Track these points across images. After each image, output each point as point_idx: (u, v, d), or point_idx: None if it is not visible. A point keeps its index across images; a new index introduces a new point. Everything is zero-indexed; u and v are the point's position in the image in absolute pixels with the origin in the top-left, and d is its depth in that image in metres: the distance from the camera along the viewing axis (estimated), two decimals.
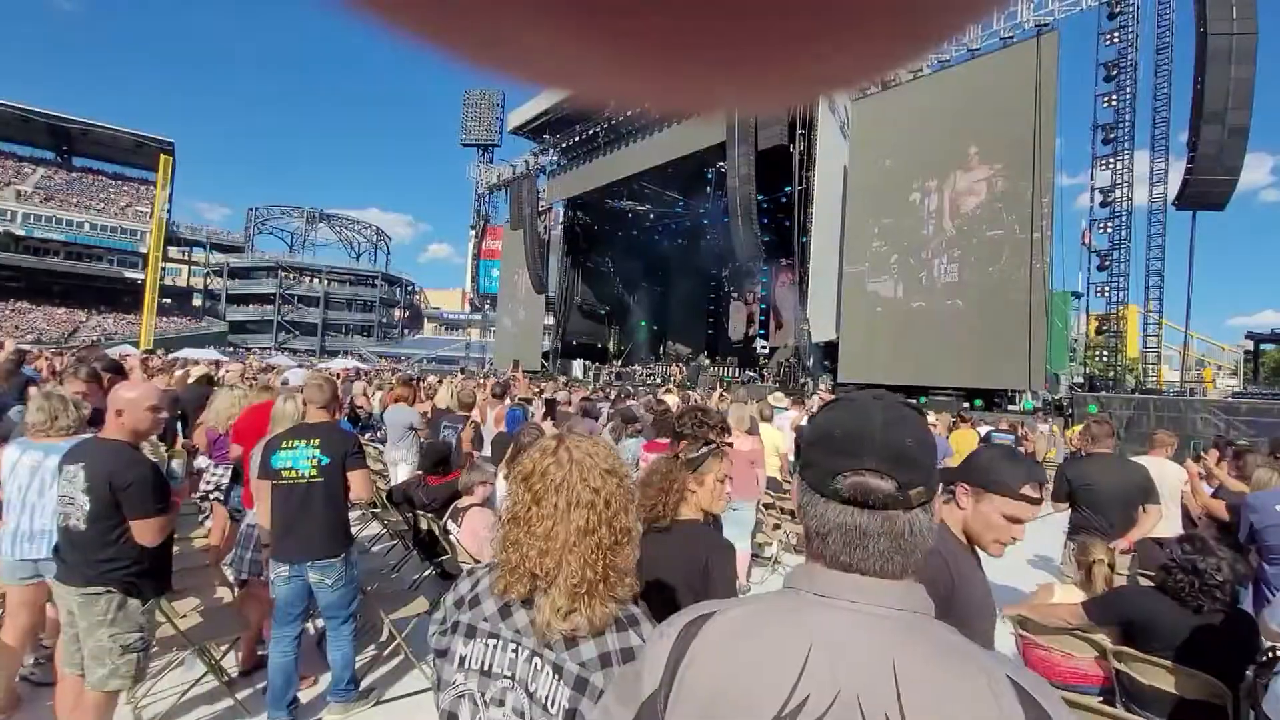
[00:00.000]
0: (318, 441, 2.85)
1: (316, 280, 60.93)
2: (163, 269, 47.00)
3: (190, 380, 6.89)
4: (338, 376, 14.18)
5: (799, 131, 18.08)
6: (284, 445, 2.85)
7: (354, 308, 62.74)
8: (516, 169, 32.31)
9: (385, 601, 3.63)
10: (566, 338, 29.79)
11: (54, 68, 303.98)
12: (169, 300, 53.86)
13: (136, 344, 34.98)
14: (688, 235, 31.60)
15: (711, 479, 2.14)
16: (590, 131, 24.83)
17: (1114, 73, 14.79)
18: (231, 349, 44.52)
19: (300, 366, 16.77)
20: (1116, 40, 14.70)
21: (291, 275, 59.63)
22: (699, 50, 0.16)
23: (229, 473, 4.25)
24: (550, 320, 31.32)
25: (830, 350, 18.88)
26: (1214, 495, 4.60)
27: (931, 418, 8.78)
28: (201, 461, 4.68)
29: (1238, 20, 12.62)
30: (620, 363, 29.43)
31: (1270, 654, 2.67)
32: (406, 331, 67.84)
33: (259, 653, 3.36)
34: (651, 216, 30.91)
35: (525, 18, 0.15)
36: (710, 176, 25.30)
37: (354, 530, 5.31)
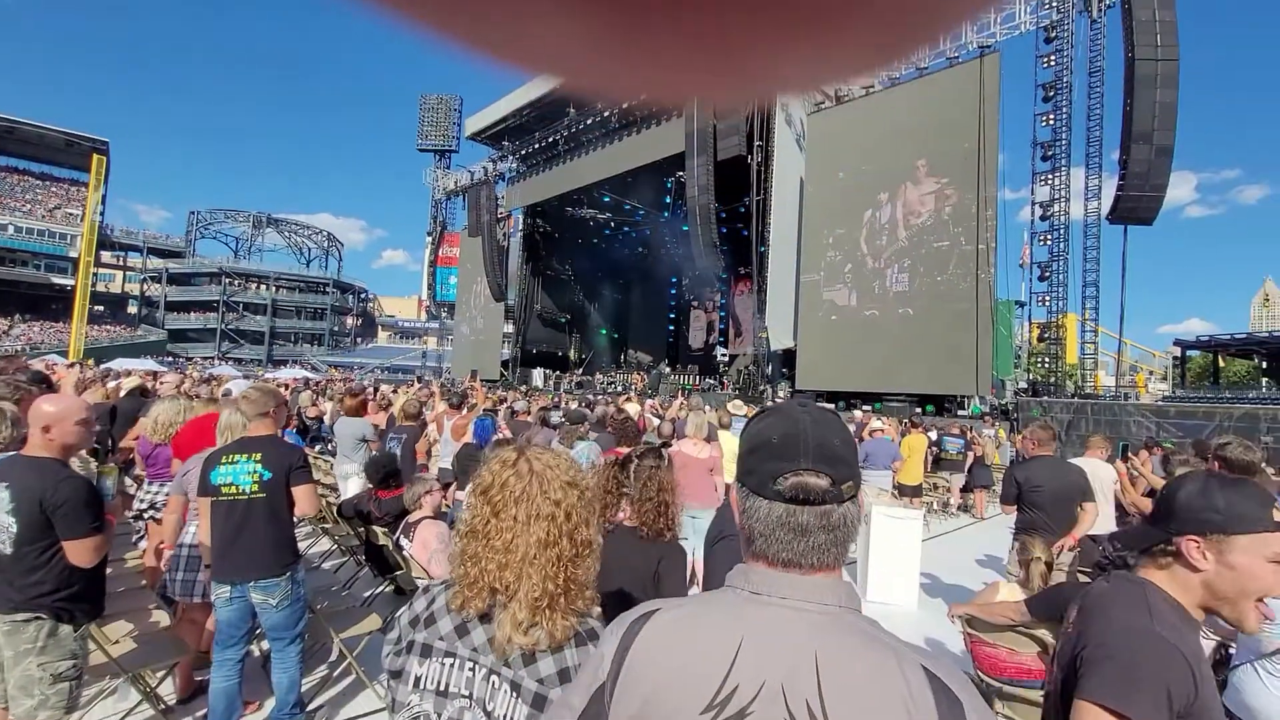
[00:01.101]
0: (260, 456, 2.72)
1: (263, 287, 58.67)
2: (95, 275, 44.52)
3: (123, 393, 6.51)
4: (285, 387, 13.66)
5: (757, 143, 18.42)
6: (224, 460, 2.71)
7: (304, 315, 60.65)
8: (475, 175, 31.93)
9: (336, 620, 3.48)
10: (526, 346, 29.49)
11: None
12: (101, 308, 51.04)
13: (65, 354, 32.99)
14: (648, 244, 31.77)
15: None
16: (550, 139, 24.74)
17: (1051, 93, 15.58)
18: (171, 359, 42.48)
19: (245, 377, 16.10)
20: (1053, 63, 15.51)
21: (236, 281, 57.29)
22: (692, 39, 0.17)
23: (164, 490, 4.02)
24: (509, 328, 30.97)
25: (788, 358, 19.21)
26: (1147, 494, 4.84)
27: (879, 422, 9.00)
28: (134, 488, 4.41)
29: (1162, 47, 13.50)
30: (581, 371, 29.28)
31: (1224, 650, 2.81)
32: (360, 340, 66.03)
33: (197, 678, 3.18)
34: (612, 225, 30.98)
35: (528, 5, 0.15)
36: (670, 186, 25.56)
37: (302, 546, 5.10)
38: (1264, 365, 34.78)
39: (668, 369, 26.62)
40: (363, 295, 69.37)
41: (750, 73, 0.19)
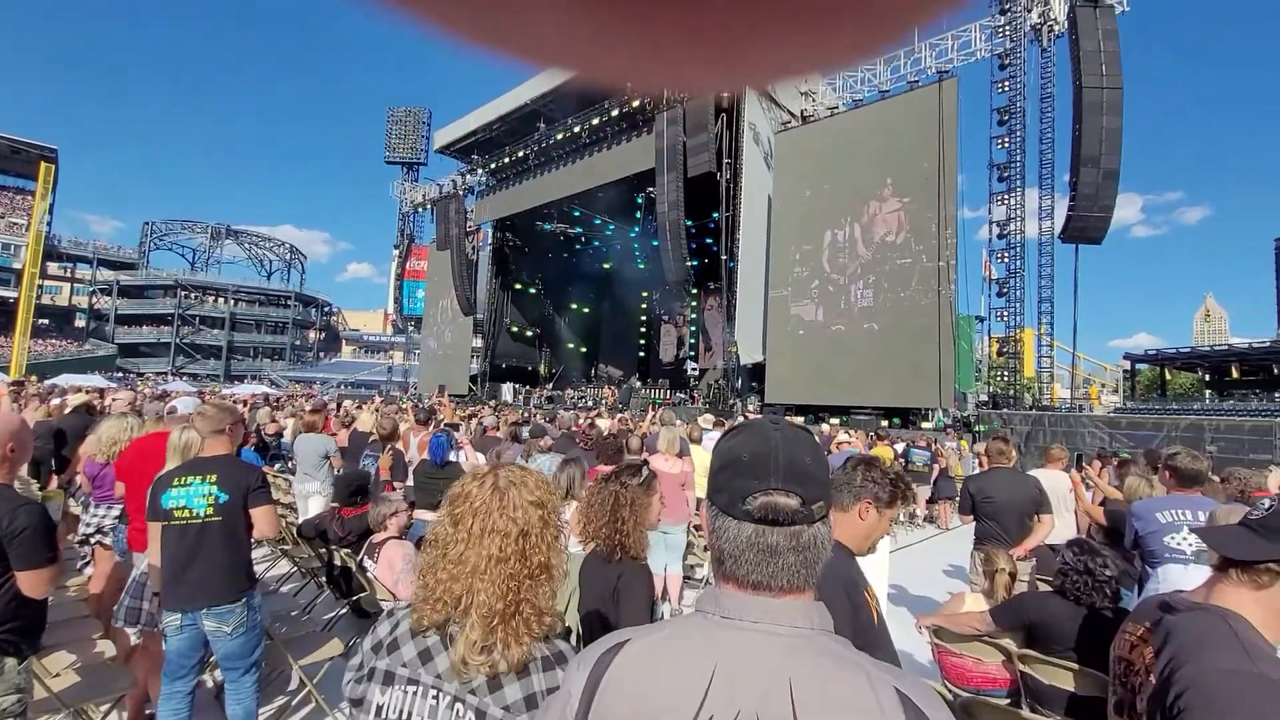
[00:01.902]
0: (215, 477, 2.60)
1: (222, 300, 56.93)
2: (40, 287, 42.64)
3: (67, 410, 6.20)
4: (244, 403, 13.22)
5: (725, 160, 18.71)
6: (176, 482, 2.58)
7: (264, 329, 58.96)
8: (443, 188, 31.66)
9: (295, 646, 3.35)
10: (495, 360, 29.17)
11: None
12: (47, 321, 48.85)
13: (6, 370, 31.41)
14: (618, 258, 31.87)
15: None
16: (520, 153, 24.72)
17: (1006, 118, 16.25)
18: (121, 374, 40.81)
19: (198, 393, 15.54)
20: (1007, 89, 16.19)
21: (193, 294, 55.46)
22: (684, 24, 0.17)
23: (112, 513, 3.83)
24: (479, 343, 30.62)
25: (758, 371, 19.40)
26: (1102, 504, 4.98)
27: (849, 435, 9.13)
28: (81, 510, 4.18)
29: (1106, 76, 14.21)
30: (551, 386, 29.08)
31: None
32: (323, 354, 64.44)
33: (147, 711, 3.01)
34: (582, 239, 31.01)
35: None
36: (640, 201, 25.72)
37: (259, 570, 4.90)
38: (1206, 378, 36.46)
39: (638, 383, 26.61)
40: (326, 309, 67.87)
41: (746, 58, 0.19)
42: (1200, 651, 1.07)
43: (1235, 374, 33.17)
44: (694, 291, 27.28)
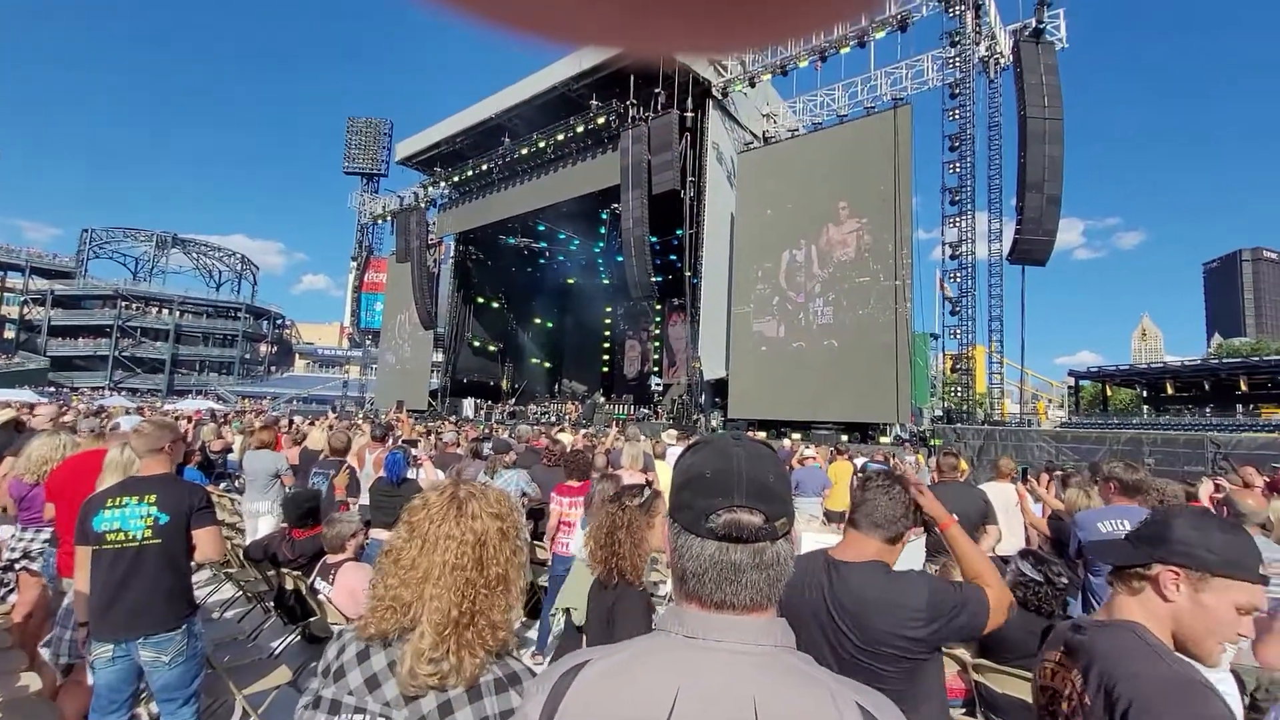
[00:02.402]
0: (154, 497, 2.45)
1: (166, 311, 54.57)
2: None
3: None
4: (189, 419, 12.63)
5: (689, 179, 18.96)
6: (110, 503, 2.42)
7: (211, 342, 56.72)
8: (404, 200, 31.13)
9: (239, 674, 3.17)
10: (456, 375, 28.66)
11: None
12: None
13: None
14: (583, 273, 31.85)
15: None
16: (484, 166, 24.53)
17: (957, 144, 16.95)
18: (53, 389, 38.57)
19: (137, 409, 14.81)
20: (958, 116, 16.91)
21: (134, 305, 53.03)
22: None
23: (41, 536, 3.57)
24: (439, 357, 30.04)
25: (721, 387, 19.55)
26: (1051, 516, 5.15)
27: (811, 450, 9.25)
28: (3, 531, 3.88)
29: (1048, 107, 15.00)
30: (514, 401, 28.70)
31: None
32: (274, 369, 62.26)
33: None
34: (546, 254, 30.90)
35: None
36: (605, 216, 25.84)
37: (201, 595, 4.65)
38: (1144, 394, 38.41)
39: (602, 399, 26.51)
40: (279, 321, 65.76)
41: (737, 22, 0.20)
42: (1124, 664, 1.12)
43: (1170, 390, 35.05)
44: (658, 307, 27.45)
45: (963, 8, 16.37)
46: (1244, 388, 31.51)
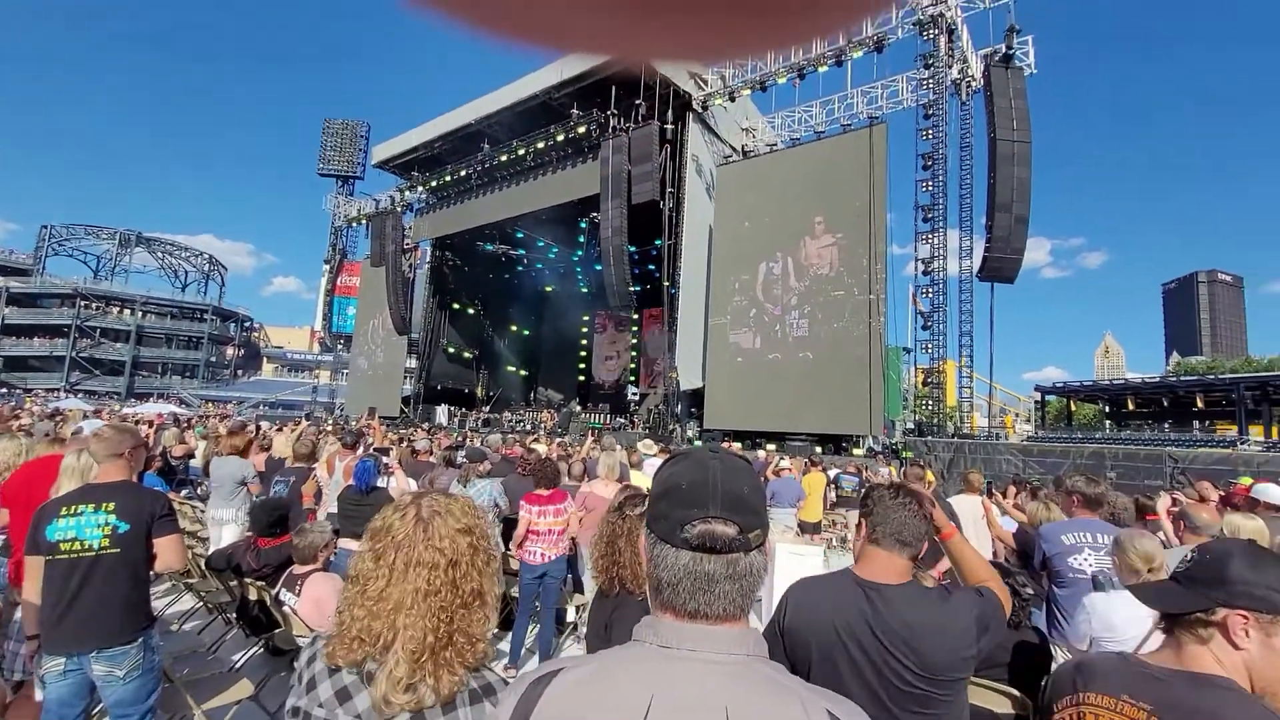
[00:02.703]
0: (113, 505, 2.35)
1: (128, 311, 52.90)
2: None
3: None
4: (149, 424, 12.23)
5: (669, 190, 19.08)
6: (65, 511, 2.32)
7: (176, 344, 55.11)
8: (380, 203, 30.76)
9: (198, 688, 3.05)
10: (430, 382, 28.27)
11: None
12: None
13: None
14: (560, 281, 31.76)
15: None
16: (463, 172, 24.36)
17: (929, 163, 17.36)
18: (4, 390, 37.07)
19: (95, 411, 14.31)
20: (931, 136, 17.34)
21: (94, 304, 51.30)
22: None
23: None
24: (413, 363, 29.63)
25: (697, 397, 19.61)
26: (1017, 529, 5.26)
27: (787, 462, 9.32)
28: None
29: (1017, 130, 15.47)
30: (489, 409, 28.40)
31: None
32: (241, 372, 60.74)
33: None
34: (524, 261, 30.75)
35: None
36: (584, 225, 25.82)
37: (158, 606, 4.48)
38: (1106, 409, 39.55)
39: (578, 407, 26.38)
40: (247, 324, 64.26)
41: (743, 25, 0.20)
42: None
43: (1131, 406, 36.18)
44: (635, 317, 27.48)
45: (936, 32, 16.83)
46: (1200, 405, 32.68)
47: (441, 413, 26.60)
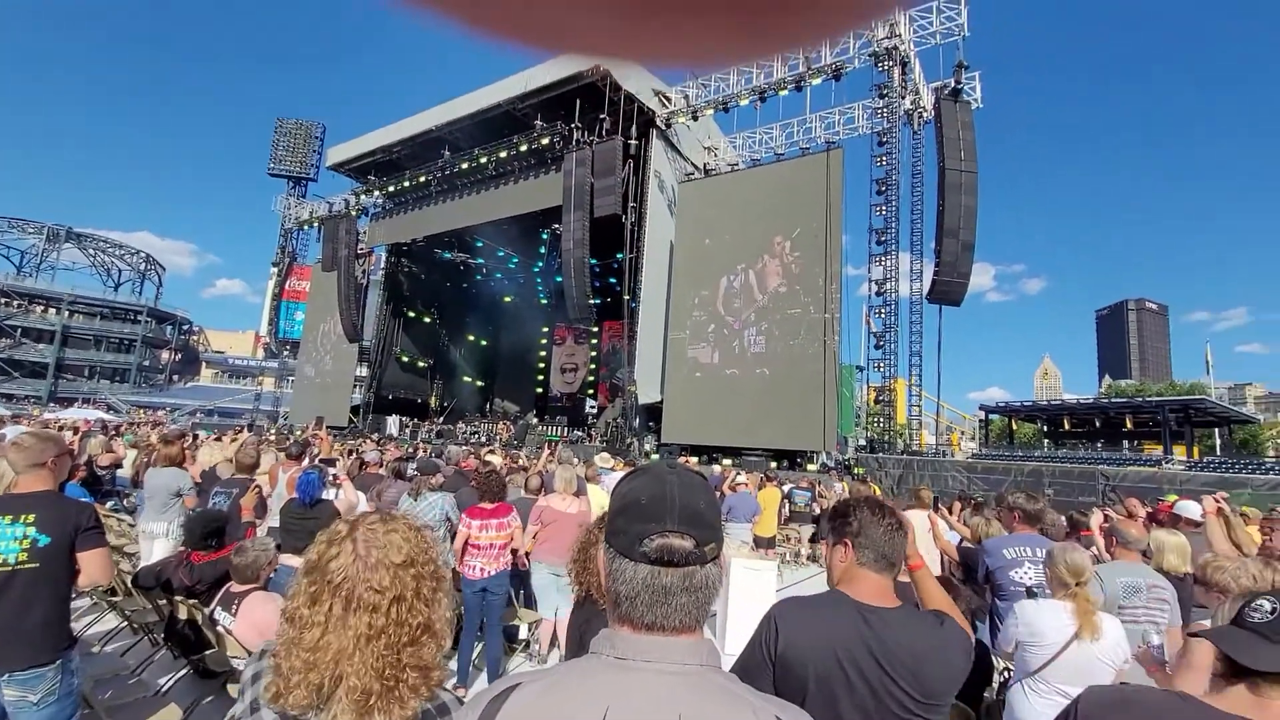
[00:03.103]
0: (32, 517, 2.19)
1: (53, 311, 49.76)
2: None
3: None
4: (74, 430, 11.49)
5: (631, 204, 19.22)
6: None
7: (105, 346, 52.06)
8: (334, 206, 29.91)
9: (121, 714, 2.86)
10: (382, 391, 27.50)
11: None
12: None
13: None
14: (520, 292, 31.47)
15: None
16: (422, 178, 23.96)
17: (883, 188, 18.03)
18: None
19: (13, 417, 13.40)
20: (884, 163, 18.04)
21: (16, 302, 48.10)
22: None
23: None
24: (363, 371, 28.78)
25: (655, 411, 19.65)
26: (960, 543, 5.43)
27: (743, 477, 9.41)
28: None
29: (964, 161, 16.23)
30: (442, 419, 27.78)
31: (1005, 673, 3.17)
32: (176, 378, 57.81)
33: None
34: (484, 270, 30.38)
35: None
36: (545, 236, 25.72)
37: (78, 626, 4.17)
38: (1044, 429, 41.43)
39: (535, 419, 26.07)
40: (185, 327, 61.31)
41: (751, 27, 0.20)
42: None
43: (1067, 426, 38.02)
44: (595, 329, 27.43)
45: (891, 64, 17.56)
46: (1129, 425, 34.61)
47: (393, 423, 25.88)
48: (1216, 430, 38.07)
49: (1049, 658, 2.35)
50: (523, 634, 5.19)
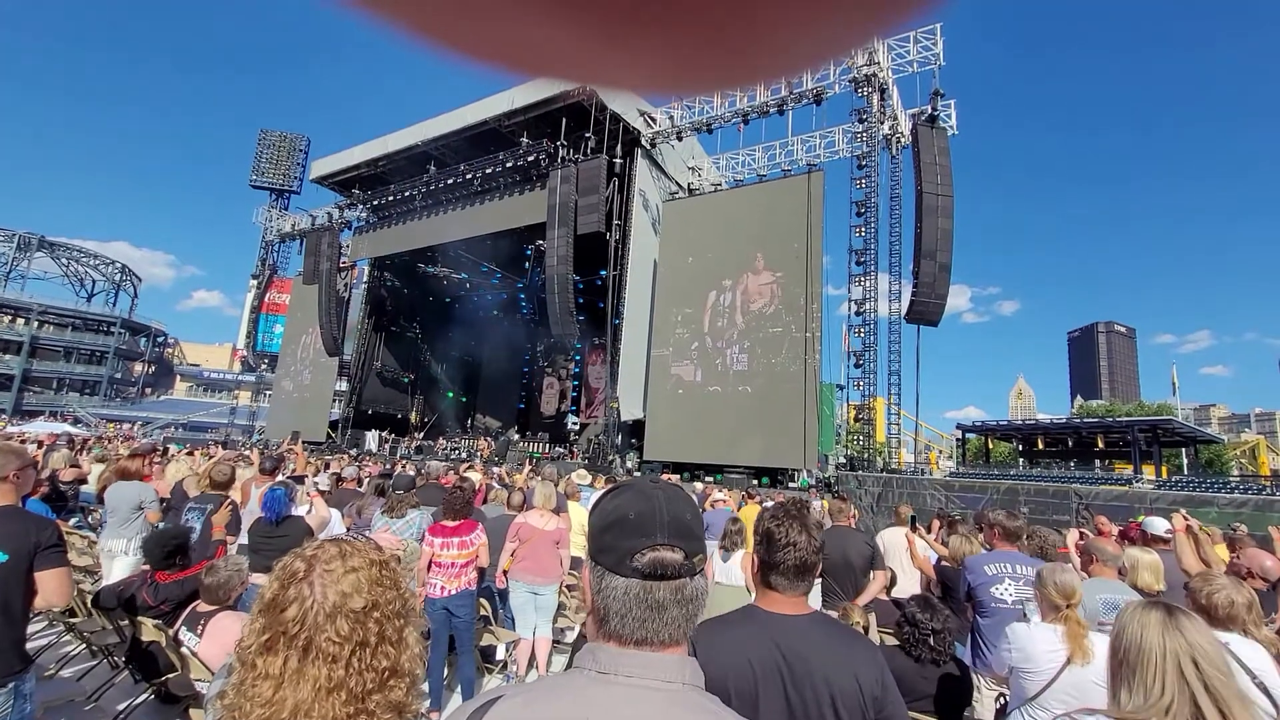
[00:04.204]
0: None
1: (21, 320, 48.51)
2: None
3: None
4: (39, 444, 11.17)
5: (615, 222, 19.35)
6: None
7: (76, 358, 50.79)
8: (317, 219, 29.68)
9: None
10: (361, 406, 27.11)
11: None
12: None
13: None
14: (503, 308, 31.37)
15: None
16: (407, 193, 23.92)
17: (862, 210, 18.34)
18: None
19: None
20: (864, 185, 18.37)
21: None
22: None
23: None
24: (343, 386, 28.37)
25: (637, 428, 19.61)
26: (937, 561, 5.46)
27: (724, 494, 9.39)
28: None
29: (940, 184, 16.63)
30: (423, 435, 27.43)
31: (1001, 699, 3.17)
32: (149, 390, 56.49)
33: None
34: (467, 285, 30.26)
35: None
36: (529, 252, 25.72)
37: (34, 647, 4.02)
38: (1020, 447, 42.04)
39: (517, 435, 25.86)
40: (160, 339, 60.07)
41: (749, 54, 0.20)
42: None
43: (1041, 445, 38.63)
44: (579, 346, 27.39)
45: (869, 90, 17.98)
46: (1101, 445, 35.29)
47: (372, 438, 25.49)
48: (1183, 450, 38.95)
49: (1044, 684, 2.28)
50: (500, 654, 5.10)
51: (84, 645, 4.21)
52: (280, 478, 5.59)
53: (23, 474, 2.34)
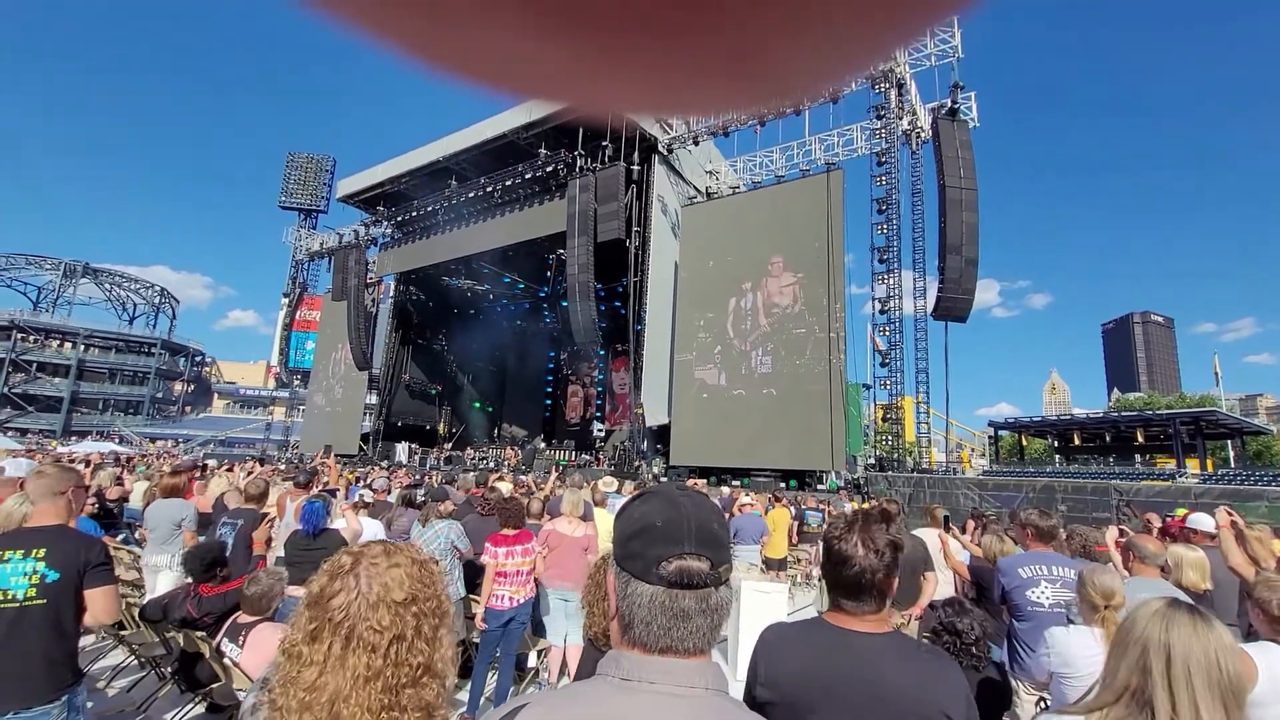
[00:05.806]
0: (43, 552, 2.20)
1: (69, 345, 50.45)
2: None
3: None
4: (86, 463, 11.59)
5: (635, 228, 19.42)
6: None
7: (120, 379, 52.61)
8: (344, 237, 30.40)
9: None
10: (391, 419, 27.59)
11: None
12: None
13: None
14: (526, 317, 31.67)
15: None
16: (430, 208, 24.37)
17: (884, 207, 18.14)
18: None
19: (26, 451, 13.52)
20: (884, 182, 18.18)
21: (32, 337, 48.81)
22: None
23: None
24: (373, 399, 28.91)
25: (663, 434, 19.59)
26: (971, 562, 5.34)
27: (748, 497, 9.33)
28: None
29: (963, 178, 16.32)
30: (451, 446, 27.78)
31: (1041, 704, 3.10)
32: (189, 409, 58.23)
33: None
34: (490, 296, 30.65)
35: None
36: (551, 261, 25.97)
37: (84, 661, 4.18)
38: (1055, 444, 40.92)
39: (543, 444, 26.04)
40: (198, 358, 61.93)
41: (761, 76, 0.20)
42: None
43: (1077, 441, 37.53)
44: (602, 353, 27.50)
45: (887, 85, 17.80)
46: (1140, 439, 34.14)
47: (402, 450, 25.91)
48: (1229, 442, 37.48)
49: (1085, 689, 2.21)
50: (531, 662, 5.13)
51: (133, 657, 4.36)
52: (313, 491, 5.73)
53: (77, 494, 2.45)
